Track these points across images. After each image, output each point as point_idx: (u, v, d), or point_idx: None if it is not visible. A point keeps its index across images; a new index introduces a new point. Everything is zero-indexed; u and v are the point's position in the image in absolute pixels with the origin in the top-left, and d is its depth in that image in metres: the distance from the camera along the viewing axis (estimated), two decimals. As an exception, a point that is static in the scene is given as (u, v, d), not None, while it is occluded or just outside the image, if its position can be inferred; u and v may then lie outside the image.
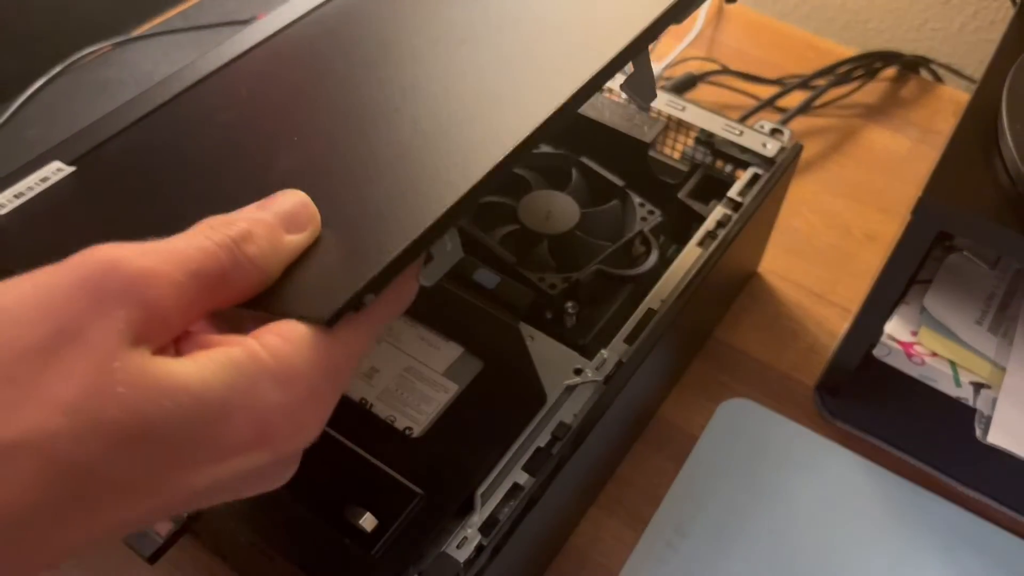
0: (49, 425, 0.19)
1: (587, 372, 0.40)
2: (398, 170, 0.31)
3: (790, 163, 0.51)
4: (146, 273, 0.21)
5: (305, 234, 0.26)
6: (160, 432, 0.21)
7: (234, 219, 0.25)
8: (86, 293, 0.21)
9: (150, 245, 0.22)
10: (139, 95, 0.46)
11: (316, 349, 0.23)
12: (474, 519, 0.35)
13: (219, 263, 0.23)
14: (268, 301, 0.25)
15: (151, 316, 0.21)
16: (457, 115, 0.34)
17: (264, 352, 0.22)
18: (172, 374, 0.21)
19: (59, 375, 0.20)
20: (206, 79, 0.47)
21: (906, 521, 0.47)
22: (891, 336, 0.45)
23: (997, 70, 0.44)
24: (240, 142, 0.43)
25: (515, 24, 0.40)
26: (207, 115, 0.45)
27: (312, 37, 0.50)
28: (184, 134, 0.44)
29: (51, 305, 0.21)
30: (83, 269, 0.21)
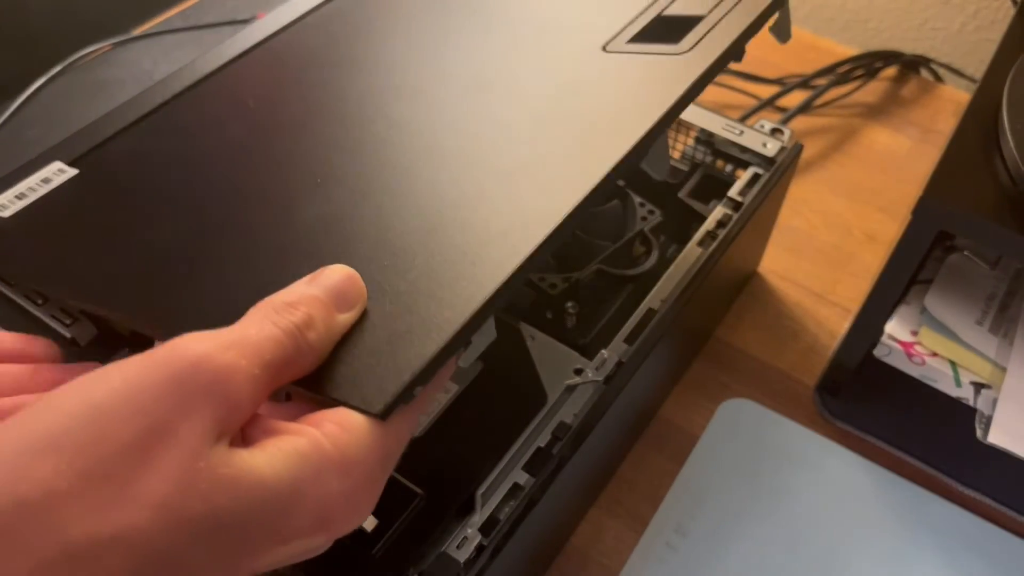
0: (141, 521, 0.20)
1: (587, 372, 0.40)
2: (431, 242, 0.32)
3: (790, 163, 0.51)
4: (229, 370, 0.23)
5: (354, 312, 0.28)
6: (237, 524, 0.22)
7: (295, 303, 0.26)
8: (175, 391, 0.22)
9: (227, 336, 0.24)
10: (139, 95, 0.46)
11: (372, 438, 0.25)
12: (474, 519, 0.35)
13: (286, 351, 0.25)
14: (320, 384, 0.26)
15: (231, 411, 0.23)
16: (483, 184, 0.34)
17: (327, 443, 0.24)
18: (248, 469, 0.22)
19: (150, 472, 0.21)
20: (207, 79, 0.47)
21: (906, 521, 0.47)
22: (891, 336, 0.45)
23: (997, 70, 0.44)
24: (243, 147, 0.43)
25: (536, 79, 0.39)
26: (209, 116, 0.45)
27: (313, 40, 0.49)
28: (185, 135, 0.44)
29: (142, 403, 0.21)
30: (171, 366, 0.22)
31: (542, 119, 0.37)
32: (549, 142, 0.35)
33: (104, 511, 0.20)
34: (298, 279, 0.28)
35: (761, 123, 0.52)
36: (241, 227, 0.37)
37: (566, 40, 0.42)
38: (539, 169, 0.34)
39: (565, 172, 0.33)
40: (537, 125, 0.37)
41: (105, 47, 0.71)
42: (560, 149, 0.35)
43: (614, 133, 0.34)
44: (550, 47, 0.42)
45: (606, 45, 0.41)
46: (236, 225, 0.37)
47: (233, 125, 0.44)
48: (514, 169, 0.34)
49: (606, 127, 0.35)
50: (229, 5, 0.75)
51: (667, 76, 0.37)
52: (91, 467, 0.20)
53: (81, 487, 0.20)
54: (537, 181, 0.33)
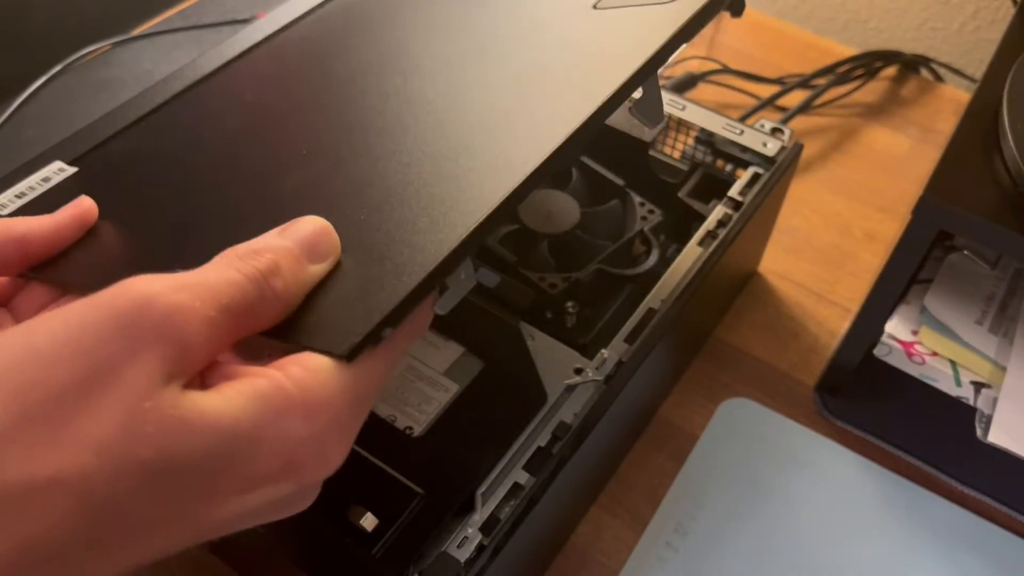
0: (81, 464, 0.20)
1: (587, 372, 0.40)
2: (409, 194, 0.31)
3: (790, 162, 0.51)
4: (179, 310, 0.22)
5: (326, 263, 0.27)
6: (189, 468, 0.21)
7: (260, 250, 0.25)
8: (119, 332, 0.21)
9: (181, 279, 0.23)
10: (139, 94, 0.46)
11: (339, 380, 0.24)
12: (475, 519, 0.35)
13: (247, 296, 0.23)
14: (287, 331, 0.25)
15: (183, 353, 0.22)
16: (467, 136, 0.34)
17: (289, 383, 0.23)
18: (201, 410, 0.21)
19: (91, 415, 0.20)
20: (207, 78, 0.47)
21: (906, 520, 0.47)
22: (891, 335, 0.45)
23: (997, 69, 0.44)
24: (244, 147, 0.43)
25: (526, 43, 0.39)
26: (208, 115, 0.45)
27: (314, 38, 0.49)
28: (185, 134, 0.44)
29: (84, 344, 0.21)
30: (116, 307, 0.21)
31: (530, 74, 0.37)
32: (535, 93, 0.35)
33: (41, 453, 0.20)
34: None
35: (761, 123, 0.52)
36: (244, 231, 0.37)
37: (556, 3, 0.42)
38: (523, 117, 0.34)
39: (549, 116, 0.33)
40: (525, 80, 0.36)
41: (105, 47, 0.71)
42: (546, 97, 0.34)
43: (601, 76, 0.34)
44: (542, 8, 0.42)
45: (596, 3, 0.41)
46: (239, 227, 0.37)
47: (233, 125, 0.44)
48: (498, 120, 0.34)
49: (593, 72, 0.35)
50: (229, 5, 0.75)
51: (656, 22, 0.37)
52: (28, 410, 0.20)
53: (16, 429, 0.20)
54: (520, 127, 0.33)
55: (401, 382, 0.41)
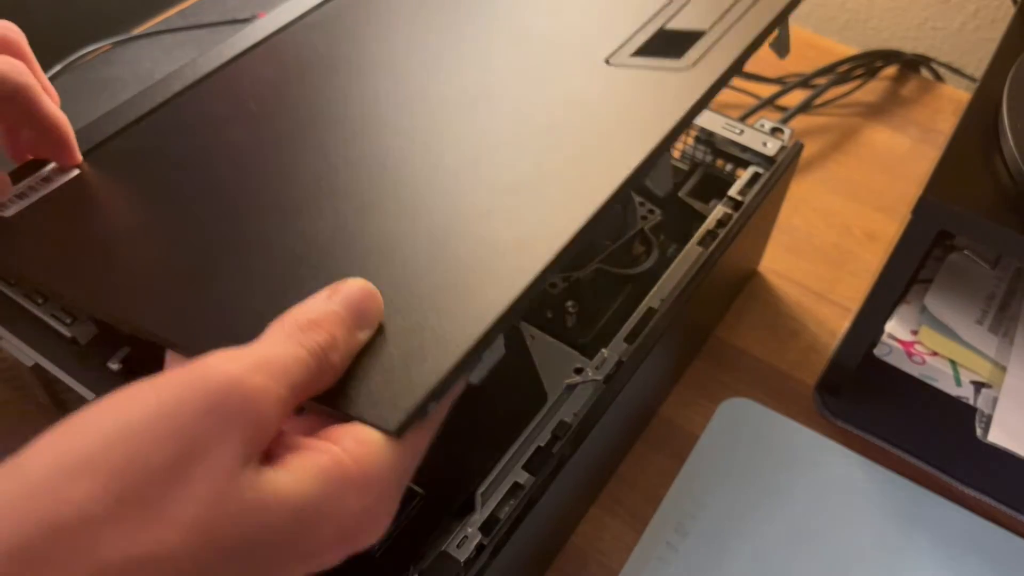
0: (173, 543, 0.21)
1: (587, 371, 0.40)
2: (443, 255, 0.32)
3: (791, 162, 0.51)
4: (260, 393, 0.23)
5: (372, 329, 0.28)
6: (263, 545, 0.22)
7: (319, 321, 0.26)
8: (208, 414, 0.22)
9: (257, 357, 0.24)
10: (139, 93, 0.46)
11: (389, 455, 0.25)
12: (474, 518, 0.35)
13: (311, 372, 0.25)
14: (336, 399, 0.26)
15: (260, 432, 0.23)
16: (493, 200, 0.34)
17: (347, 459, 0.24)
18: (275, 491, 0.23)
19: (182, 495, 0.21)
20: (207, 77, 0.47)
21: (906, 520, 0.47)
22: (891, 335, 0.45)
23: (998, 69, 0.44)
24: (243, 142, 0.43)
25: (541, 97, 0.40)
26: (208, 114, 0.45)
27: (313, 40, 0.49)
28: (185, 133, 0.44)
29: (175, 424, 0.22)
30: (206, 389, 0.22)
31: (548, 132, 0.37)
32: (556, 157, 0.35)
33: (137, 533, 0.21)
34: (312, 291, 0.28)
35: (761, 122, 0.52)
36: (246, 232, 0.37)
37: (569, 52, 0.42)
38: (547, 184, 0.34)
39: (573, 188, 0.33)
40: (544, 138, 0.37)
41: (105, 46, 0.71)
42: (567, 165, 0.35)
43: (621, 149, 0.34)
44: (554, 58, 0.42)
45: (609, 58, 0.41)
46: (241, 229, 0.37)
47: (234, 124, 0.44)
48: (521, 183, 0.34)
49: (612, 143, 0.35)
50: (229, 4, 0.75)
51: (671, 92, 0.37)
52: (125, 489, 0.21)
53: (115, 510, 0.21)
54: (545, 196, 0.33)
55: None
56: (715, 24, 0.41)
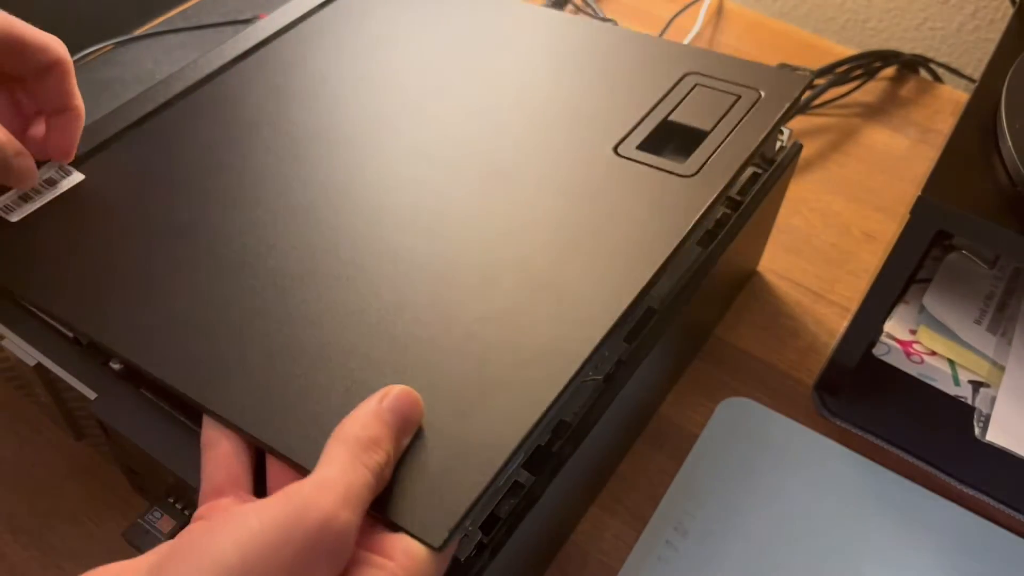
0: None
1: (587, 370, 0.40)
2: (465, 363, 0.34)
3: (790, 162, 0.51)
4: (348, 528, 0.26)
5: (412, 435, 0.31)
6: None
7: (377, 440, 0.29)
8: (309, 551, 0.25)
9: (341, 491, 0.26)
10: (141, 94, 0.46)
11: (433, 566, 0.28)
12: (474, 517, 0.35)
13: (374, 492, 0.28)
14: (382, 504, 0.29)
15: (344, 560, 0.26)
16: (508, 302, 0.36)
17: (401, 573, 0.27)
18: None
19: None
20: (209, 79, 0.47)
21: (904, 519, 0.47)
22: (890, 335, 0.45)
23: (996, 69, 0.44)
24: (244, 143, 0.43)
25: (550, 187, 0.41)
26: (209, 115, 0.45)
27: (314, 42, 0.50)
28: (186, 134, 0.44)
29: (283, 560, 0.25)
30: (306, 527, 0.25)
31: (563, 226, 0.39)
32: (573, 259, 0.37)
33: None
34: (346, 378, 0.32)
35: (760, 123, 0.52)
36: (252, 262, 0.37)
37: (579, 134, 0.44)
38: (565, 289, 0.36)
39: (591, 298, 0.36)
40: (559, 233, 0.39)
41: (106, 47, 0.71)
42: (585, 271, 0.37)
43: (633, 262, 0.37)
44: (563, 140, 0.44)
45: (617, 147, 0.43)
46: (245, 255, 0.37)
47: (235, 125, 0.44)
48: (540, 285, 0.36)
49: (626, 252, 0.38)
50: (231, 5, 0.76)
51: (677, 202, 0.40)
52: None
53: None
54: (564, 302, 0.36)
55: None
56: (716, 125, 0.44)
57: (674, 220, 0.39)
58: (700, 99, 0.45)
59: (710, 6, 0.81)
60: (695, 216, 0.39)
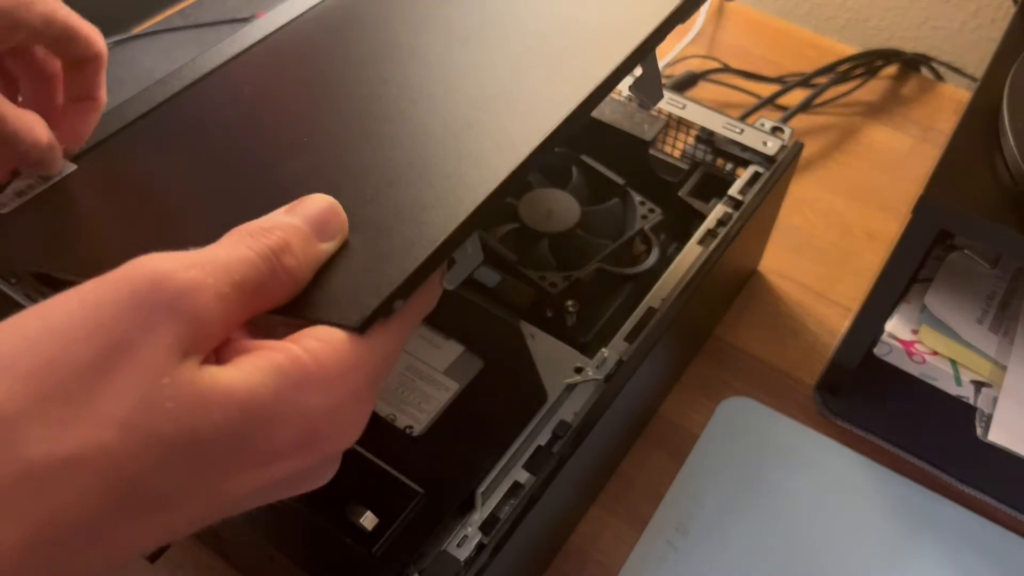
0: (102, 440, 0.20)
1: (588, 371, 0.40)
2: (413, 174, 0.31)
3: (791, 161, 0.51)
4: (192, 286, 0.22)
5: (335, 241, 0.27)
6: (209, 442, 0.21)
7: (270, 228, 0.25)
8: (134, 309, 0.21)
9: (193, 256, 0.23)
10: (139, 93, 0.46)
11: (353, 352, 0.24)
12: (475, 518, 0.35)
13: (259, 273, 0.24)
14: (299, 307, 0.26)
15: (197, 328, 0.22)
16: (467, 119, 0.34)
17: (306, 355, 0.23)
18: (219, 384, 0.21)
19: (111, 392, 0.20)
20: (207, 77, 0.47)
21: (906, 519, 0.47)
22: (892, 335, 0.45)
23: (998, 68, 0.44)
24: (245, 140, 0.43)
25: (521, 25, 0.39)
26: (209, 113, 0.45)
27: (312, 35, 0.49)
28: (186, 131, 0.44)
29: (100, 322, 0.21)
30: (130, 284, 0.21)
31: (530, 53, 0.37)
32: (536, 71, 0.35)
33: (62, 431, 0.20)
34: None
35: (761, 122, 0.52)
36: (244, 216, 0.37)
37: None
38: (524, 95, 0.34)
39: (549, 94, 0.33)
40: (524, 60, 0.36)
41: (105, 46, 0.71)
42: (546, 75, 0.34)
43: (600, 53, 0.34)
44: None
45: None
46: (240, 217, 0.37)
47: (234, 124, 0.44)
48: (500, 99, 0.34)
49: (592, 49, 0.35)
50: (229, 4, 0.75)
51: None
52: (46, 388, 0.20)
53: (36, 408, 0.20)
54: (522, 106, 0.33)
55: (401, 381, 0.41)
56: None
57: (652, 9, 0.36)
58: None
59: (711, 4, 0.81)
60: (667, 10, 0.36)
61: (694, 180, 0.52)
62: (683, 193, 0.51)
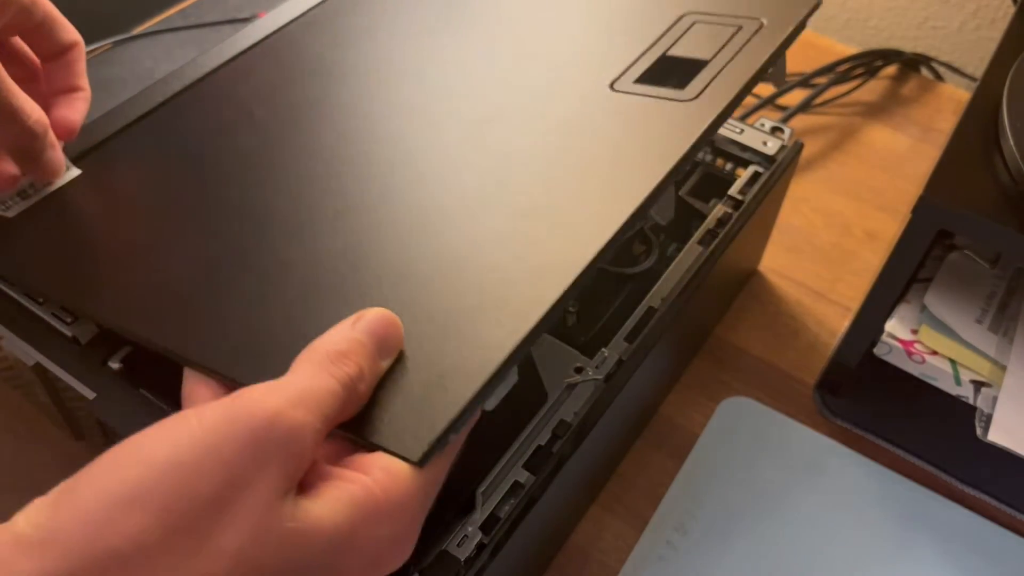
0: (218, 571, 0.22)
1: (588, 370, 0.40)
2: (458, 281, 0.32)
3: (791, 161, 0.51)
4: (300, 427, 0.24)
5: (392, 357, 0.29)
6: (301, 571, 0.24)
7: (347, 352, 0.27)
8: (252, 447, 0.23)
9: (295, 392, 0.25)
10: (140, 93, 0.46)
11: (414, 483, 0.26)
12: (475, 517, 0.35)
13: (342, 404, 0.26)
14: (361, 428, 0.27)
15: (300, 465, 0.24)
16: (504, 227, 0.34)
17: (377, 489, 0.25)
18: (312, 520, 0.24)
19: (228, 525, 0.22)
20: (208, 77, 0.47)
21: (906, 519, 0.47)
22: (891, 334, 0.45)
23: (998, 68, 0.44)
24: (244, 142, 0.43)
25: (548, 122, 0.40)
26: (209, 113, 0.45)
27: (314, 39, 0.50)
28: (185, 132, 0.44)
29: (222, 457, 0.23)
30: (250, 423, 0.23)
31: (556, 158, 0.37)
32: (566, 185, 0.36)
33: (187, 562, 0.22)
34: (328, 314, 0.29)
35: (761, 121, 0.52)
36: (252, 241, 0.37)
37: (574, 74, 0.42)
38: (560, 212, 0.35)
39: (585, 217, 0.34)
40: (552, 164, 0.37)
41: (105, 46, 0.71)
42: (579, 193, 0.35)
43: (630, 180, 0.35)
44: (558, 80, 0.42)
45: (614, 83, 0.41)
46: (247, 237, 0.37)
47: (235, 124, 0.44)
48: (534, 209, 0.35)
49: (622, 174, 0.36)
50: (230, 4, 0.75)
51: (676, 124, 0.38)
52: (175, 521, 0.22)
53: (166, 540, 0.22)
54: (558, 224, 0.34)
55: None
56: (717, 54, 0.42)
57: (674, 139, 0.37)
58: (699, 33, 0.43)
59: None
60: (697, 133, 0.37)
61: (694, 180, 0.52)
62: (683, 193, 0.51)
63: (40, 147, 0.37)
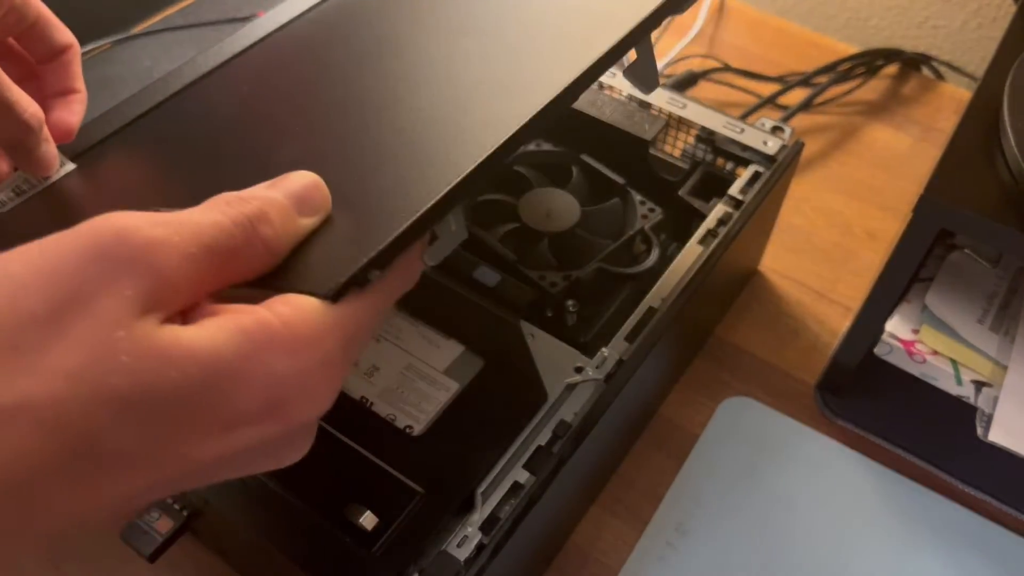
0: (51, 390, 0.19)
1: (588, 370, 0.40)
2: (401, 156, 0.32)
3: (791, 161, 0.51)
4: (157, 242, 0.21)
5: (316, 217, 0.27)
6: (165, 400, 0.20)
7: (249, 197, 0.24)
8: (94, 261, 0.21)
9: (163, 216, 0.22)
10: (139, 92, 0.46)
11: (325, 319, 0.23)
12: (475, 517, 0.35)
13: (232, 240, 0.23)
14: (273, 280, 0.25)
15: (160, 285, 0.21)
16: (458, 102, 0.34)
17: (274, 319, 0.22)
18: (179, 342, 0.21)
19: (63, 343, 0.20)
20: (207, 76, 0.47)
21: (907, 519, 0.47)
22: (892, 334, 0.45)
23: (999, 68, 0.44)
24: (244, 138, 0.43)
25: (515, 15, 0.39)
26: (209, 112, 0.45)
27: (311, 33, 0.49)
28: (186, 130, 0.44)
29: (58, 272, 0.20)
30: (92, 237, 0.21)
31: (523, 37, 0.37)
32: (527, 55, 0.35)
33: (8, 379, 0.19)
34: None
35: (762, 121, 0.52)
36: None
37: None
38: (515, 79, 0.34)
39: (540, 77, 0.33)
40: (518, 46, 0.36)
41: (105, 45, 0.70)
42: (537, 58, 0.35)
43: (592, 36, 0.34)
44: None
45: None
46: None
47: (234, 123, 0.44)
48: (492, 82, 0.34)
49: (585, 33, 0.35)
50: (229, 3, 0.75)
51: None
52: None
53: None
54: (512, 89, 0.33)
55: (401, 381, 0.41)
56: None
57: None
58: None
59: (712, 4, 0.81)
60: None
61: (694, 179, 0.52)
62: (683, 192, 0.51)
63: (35, 141, 0.37)
